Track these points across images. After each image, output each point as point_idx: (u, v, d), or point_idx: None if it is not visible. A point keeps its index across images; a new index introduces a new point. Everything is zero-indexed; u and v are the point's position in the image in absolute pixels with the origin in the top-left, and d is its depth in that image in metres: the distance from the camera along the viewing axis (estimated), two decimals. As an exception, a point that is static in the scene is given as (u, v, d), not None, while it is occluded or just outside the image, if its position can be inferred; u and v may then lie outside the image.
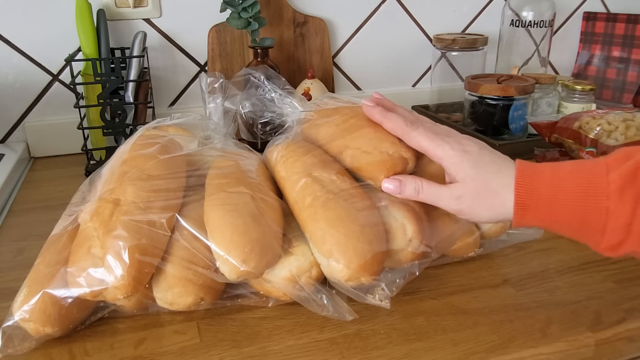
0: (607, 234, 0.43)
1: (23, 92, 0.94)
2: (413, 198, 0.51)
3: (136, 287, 0.47)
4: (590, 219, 0.44)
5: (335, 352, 0.48)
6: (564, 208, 0.44)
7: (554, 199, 0.44)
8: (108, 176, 0.54)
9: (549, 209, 0.45)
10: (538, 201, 0.45)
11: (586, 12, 1.27)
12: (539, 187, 0.45)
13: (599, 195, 0.43)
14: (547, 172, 0.46)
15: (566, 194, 0.44)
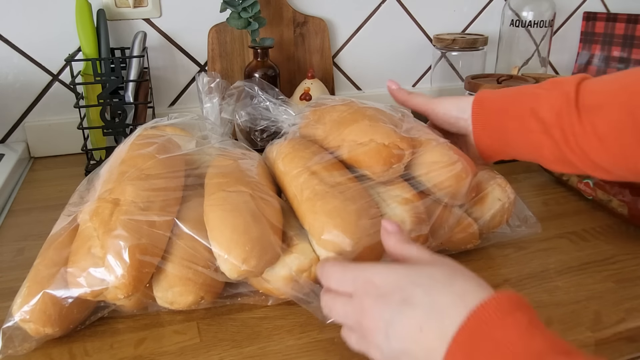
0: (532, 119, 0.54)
1: (23, 92, 0.94)
2: (401, 97, 0.64)
3: (137, 287, 0.47)
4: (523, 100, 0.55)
5: (335, 352, 0.48)
6: (507, 93, 0.58)
7: (502, 92, 0.58)
8: (107, 176, 0.54)
9: (498, 99, 0.58)
10: (491, 95, 0.59)
11: (586, 12, 1.27)
12: (492, 92, 0.59)
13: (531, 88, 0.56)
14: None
15: (509, 89, 0.59)
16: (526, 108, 0.54)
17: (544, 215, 0.73)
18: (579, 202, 0.76)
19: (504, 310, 0.33)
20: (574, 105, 0.51)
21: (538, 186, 0.82)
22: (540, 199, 0.78)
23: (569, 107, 0.51)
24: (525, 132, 0.54)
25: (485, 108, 0.58)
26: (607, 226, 0.69)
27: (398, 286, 0.38)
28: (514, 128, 0.55)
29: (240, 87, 0.68)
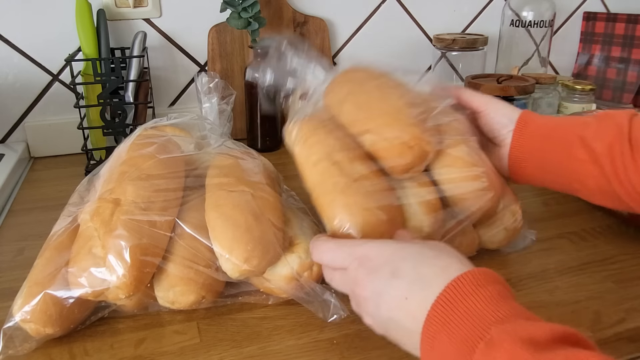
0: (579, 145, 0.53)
1: (23, 92, 0.94)
2: (454, 92, 0.61)
3: (138, 287, 0.47)
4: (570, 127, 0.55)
5: (335, 352, 0.48)
6: (553, 121, 0.57)
7: (548, 118, 0.58)
8: (107, 176, 0.54)
9: (543, 123, 0.57)
10: (536, 118, 0.58)
11: (586, 12, 1.27)
12: (537, 115, 0.59)
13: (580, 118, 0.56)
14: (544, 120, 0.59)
15: (557, 118, 0.58)
16: (574, 135, 0.53)
17: (544, 215, 0.73)
18: (579, 202, 0.76)
19: (478, 282, 0.37)
20: (627, 139, 0.50)
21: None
22: (540, 199, 0.78)
23: (622, 140, 0.50)
24: (571, 159, 0.53)
25: (529, 127, 0.57)
26: (607, 226, 0.69)
27: (388, 260, 0.42)
28: (557, 154, 0.54)
29: (268, 45, 0.63)
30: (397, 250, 0.42)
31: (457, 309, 0.36)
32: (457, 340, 0.35)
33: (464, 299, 0.36)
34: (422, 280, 0.39)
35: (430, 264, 0.40)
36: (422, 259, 0.40)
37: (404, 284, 0.40)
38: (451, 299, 0.36)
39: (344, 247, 0.45)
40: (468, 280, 0.37)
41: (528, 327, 0.33)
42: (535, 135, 0.56)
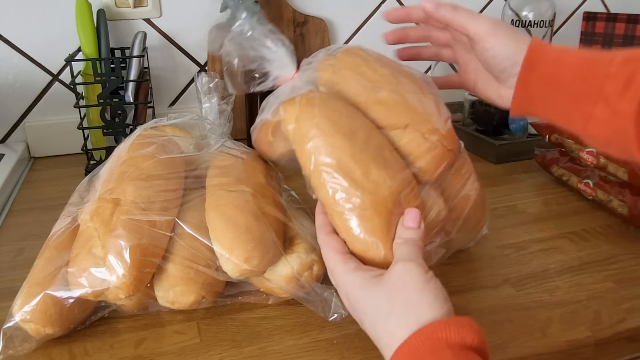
0: (599, 103, 0.45)
1: (23, 92, 0.94)
2: (448, 16, 0.51)
3: (138, 287, 0.47)
4: (588, 82, 0.46)
5: (335, 352, 0.48)
6: (566, 70, 0.47)
7: (560, 60, 0.48)
8: (107, 176, 0.54)
9: (554, 69, 0.47)
10: (545, 59, 0.48)
11: (586, 12, 1.27)
12: (549, 50, 0.48)
13: (602, 63, 0.46)
14: (559, 46, 0.49)
15: (572, 58, 0.47)
16: (595, 89, 0.46)
17: (544, 215, 0.73)
18: (579, 202, 0.76)
19: (420, 353, 0.36)
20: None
21: (538, 186, 0.82)
22: (540, 199, 0.78)
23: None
24: (587, 117, 0.47)
25: (537, 72, 0.49)
26: (607, 226, 0.69)
27: (355, 309, 0.43)
28: (570, 108, 0.48)
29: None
30: (361, 300, 0.42)
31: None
32: None
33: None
34: (379, 342, 0.40)
35: (383, 327, 0.40)
36: (378, 317, 0.40)
37: (369, 332, 0.42)
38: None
39: (332, 275, 0.45)
40: (403, 354, 0.37)
41: None
42: (544, 84, 0.48)
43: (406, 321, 0.38)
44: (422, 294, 0.40)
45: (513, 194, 0.79)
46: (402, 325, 0.38)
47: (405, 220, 0.45)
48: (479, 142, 0.94)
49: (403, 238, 0.44)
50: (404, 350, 0.37)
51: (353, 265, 0.44)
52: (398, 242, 0.44)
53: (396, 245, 0.44)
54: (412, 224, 0.45)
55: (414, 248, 0.43)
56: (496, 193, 0.79)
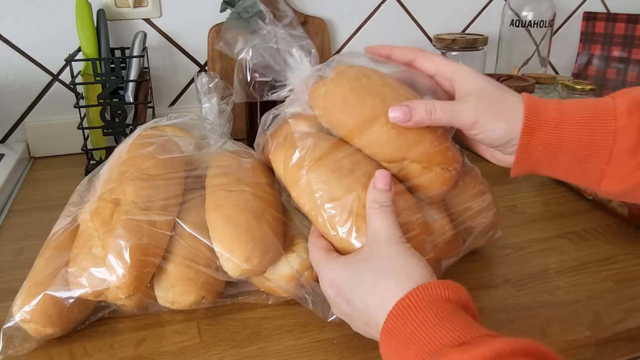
0: (612, 161, 0.44)
1: (23, 92, 0.94)
2: (425, 122, 0.46)
3: (138, 287, 0.47)
4: (596, 142, 0.44)
5: (335, 352, 0.48)
6: (570, 132, 0.44)
7: (562, 122, 0.44)
8: (107, 176, 0.54)
9: (557, 132, 0.45)
10: (546, 123, 0.45)
11: (586, 12, 1.27)
12: (547, 111, 0.45)
13: (606, 118, 0.44)
14: (554, 102, 0.46)
15: (573, 117, 0.44)
16: (602, 148, 0.44)
17: (544, 215, 0.73)
18: (579, 202, 0.76)
19: (415, 307, 0.37)
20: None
21: (538, 186, 0.82)
22: (540, 199, 0.78)
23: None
24: (594, 174, 0.46)
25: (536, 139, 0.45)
26: (607, 226, 0.69)
27: (341, 290, 0.43)
28: (575, 167, 0.46)
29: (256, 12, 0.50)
30: (346, 279, 0.42)
31: (399, 338, 0.36)
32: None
33: (404, 327, 0.36)
34: (370, 312, 0.40)
35: (371, 293, 0.40)
36: (364, 287, 0.41)
37: (359, 315, 0.42)
38: (392, 329, 0.37)
39: (317, 267, 0.46)
40: (403, 308, 0.37)
41: (458, 357, 0.32)
42: (547, 149, 0.46)
43: (396, 281, 0.39)
44: (406, 257, 0.41)
45: (513, 194, 0.79)
46: (393, 285, 0.39)
47: (377, 182, 0.45)
48: (479, 142, 0.94)
49: (377, 202, 0.44)
50: (402, 305, 0.37)
51: (334, 255, 0.45)
52: (371, 208, 0.44)
53: (372, 213, 0.44)
54: (383, 185, 0.45)
55: (390, 215, 0.43)
56: (496, 193, 0.78)
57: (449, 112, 0.46)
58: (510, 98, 0.47)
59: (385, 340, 0.38)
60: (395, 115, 0.46)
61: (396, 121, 0.46)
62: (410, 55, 0.53)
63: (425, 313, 0.36)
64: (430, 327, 0.35)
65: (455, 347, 0.33)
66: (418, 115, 0.46)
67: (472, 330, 0.34)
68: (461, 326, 0.35)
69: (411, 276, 0.39)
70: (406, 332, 0.36)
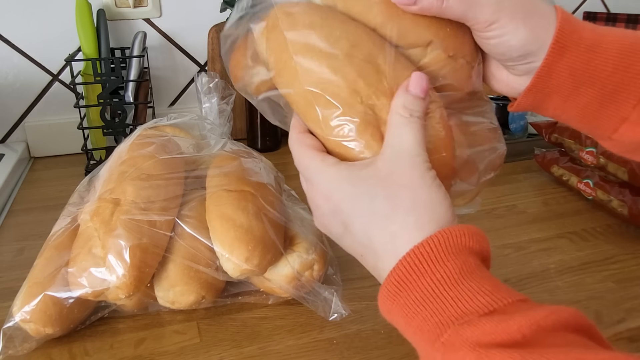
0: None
1: (23, 92, 0.94)
2: (433, 9, 0.37)
3: (138, 287, 0.47)
4: (632, 77, 0.37)
5: (335, 352, 0.48)
6: (607, 59, 0.37)
7: (597, 46, 0.37)
8: (107, 176, 0.54)
9: (589, 57, 0.37)
10: (579, 44, 0.37)
11: (586, 12, 1.27)
12: (582, 30, 0.37)
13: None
14: (589, 23, 0.38)
15: (611, 43, 0.37)
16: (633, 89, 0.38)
17: (544, 215, 0.73)
18: (579, 202, 0.76)
19: (435, 258, 0.30)
20: None
21: (538, 186, 0.82)
22: (540, 199, 0.78)
23: None
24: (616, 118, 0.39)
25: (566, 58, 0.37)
26: (607, 226, 0.69)
27: (339, 209, 0.35)
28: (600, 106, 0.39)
29: None
30: (349, 198, 0.34)
31: (410, 293, 0.30)
32: (414, 328, 0.30)
33: (418, 280, 0.30)
34: (372, 248, 0.33)
35: (380, 227, 0.33)
36: (373, 216, 0.33)
37: (356, 243, 0.35)
38: (402, 280, 0.31)
39: (303, 160, 0.37)
40: (421, 256, 0.31)
41: (491, 329, 0.27)
42: (573, 75, 0.38)
43: (415, 220, 0.32)
44: (431, 192, 0.33)
45: (513, 194, 0.79)
46: (411, 225, 0.32)
47: (412, 85, 0.35)
48: (479, 142, 0.94)
49: (408, 109, 0.35)
50: (420, 252, 0.31)
51: (333, 160, 0.35)
52: (399, 115, 0.35)
53: (398, 121, 0.35)
54: (418, 91, 0.35)
55: (419, 129, 0.34)
56: (496, 193, 0.79)
57: (465, 1, 0.37)
58: (541, 4, 0.38)
59: (390, 292, 0.31)
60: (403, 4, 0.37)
61: (399, 2, 0.37)
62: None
63: (447, 266, 0.30)
64: (453, 285, 0.29)
65: (486, 316, 0.28)
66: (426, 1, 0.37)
67: (503, 294, 0.29)
68: (490, 288, 0.29)
69: (433, 218, 0.32)
70: (421, 286, 0.30)
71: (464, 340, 0.27)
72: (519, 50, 0.38)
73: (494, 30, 0.37)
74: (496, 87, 0.43)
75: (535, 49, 0.37)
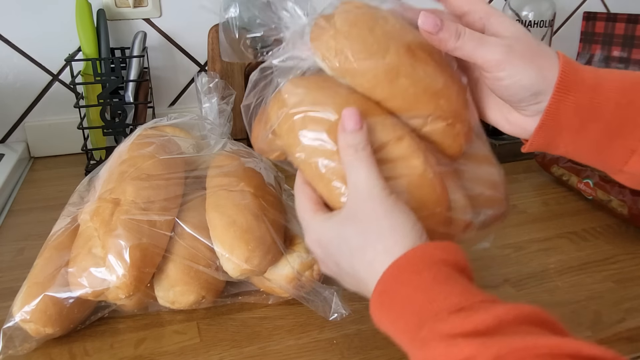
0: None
1: (23, 92, 0.94)
2: (449, 44, 0.40)
3: (138, 287, 0.47)
4: (636, 112, 0.39)
5: (335, 352, 0.48)
6: (609, 98, 0.40)
7: (599, 85, 0.40)
8: (107, 176, 0.54)
9: (593, 95, 0.40)
10: (582, 83, 0.40)
11: (586, 12, 1.27)
12: (583, 72, 0.40)
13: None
14: (589, 67, 0.41)
15: (612, 82, 0.40)
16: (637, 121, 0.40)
17: (544, 215, 0.73)
18: (579, 202, 0.76)
19: (410, 270, 0.35)
20: None
21: (538, 186, 0.82)
22: (540, 199, 0.78)
23: None
24: (624, 150, 0.41)
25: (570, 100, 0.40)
26: (607, 226, 0.69)
27: (329, 252, 0.40)
28: (606, 140, 0.41)
29: None
30: (333, 242, 0.39)
31: (392, 302, 0.35)
32: (399, 331, 0.34)
33: (397, 291, 0.34)
34: (358, 277, 0.38)
35: (359, 259, 0.38)
36: (351, 252, 0.38)
37: (349, 277, 0.40)
38: (384, 296, 0.35)
39: (303, 222, 0.42)
40: (394, 274, 0.35)
41: (459, 323, 0.30)
42: (579, 113, 0.41)
43: (384, 247, 0.36)
44: (393, 217, 0.37)
45: (513, 194, 0.79)
46: (381, 252, 0.36)
47: (346, 122, 0.39)
48: (479, 142, 0.94)
49: (351, 147, 0.38)
50: (394, 270, 0.35)
51: (322, 212, 0.41)
52: (346, 155, 0.39)
53: (348, 162, 0.39)
54: (353, 124, 0.39)
55: (367, 161, 0.38)
56: (496, 193, 0.79)
57: (477, 40, 0.40)
58: (546, 49, 0.42)
59: (376, 304, 0.36)
60: (424, 20, 0.40)
61: (423, 27, 0.40)
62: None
63: (421, 275, 0.34)
64: (428, 291, 0.33)
65: (455, 313, 0.31)
66: (447, 32, 0.40)
67: (472, 294, 0.33)
68: (460, 290, 0.33)
69: (399, 240, 0.36)
70: (400, 295, 0.34)
71: (436, 334, 0.31)
72: (530, 89, 0.40)
73: (506, 70, 0.40)
74: (508, 129, 0.45)
75: (544, 87, 0.40)
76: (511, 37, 0.41)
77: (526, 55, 0.40)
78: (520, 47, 0.40)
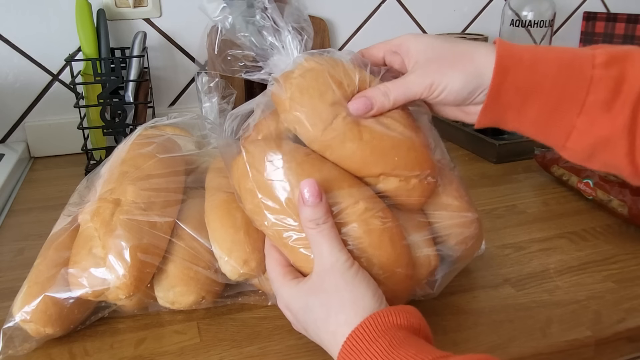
0: (584, 112, 0.41)
1: (23, 92, 0.94)
2: (386, 106, 0.44)
3: (138, 287, 0.47)
4: (571, 89, 0.42)
5: (335, 352, 0.48)
6: (546, 75, 0.42)
7: (536, 63, 0.42)
8: (107, 176, 0.54)
9: (530, 73, 0.42)
10: (520, 63, 0.42)
11: (586, 12, 1.27)
12: (521, 52, 0.43)
13: (584, 65, 0.42)
14: (528, 46, 0.44)
15: (549, 60, 0.42)
16: (575, 98, 0.42)
17: (544, 215, 0.73)
18: (579, 202, 0.76)
19: (365, 340, 0.37)
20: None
21: (538, 186, 0.82)
22: (540, 199, 0.78)
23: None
24: (566, 127, 0.43)
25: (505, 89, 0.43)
26: (607, 226, 0.69)
27: (297, 318, 0.44)
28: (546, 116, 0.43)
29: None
30: (300, 310, 0.43)
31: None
32: None
33: (358, 357, 0.37)
34: (324, 345, 0.41)
35: (324, 330, 0.40)
36: (317, 322, 0.41)
37: (317, 341, 0.43)
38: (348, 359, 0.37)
39: (271, 274, 0.46)
40: (353, 344, 0.37)
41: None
42: (519, 92, 0.43)
43: (345, 318, 0.39)
44: (353, 289, 0.40)
45: (513, 194, 0.79)
46: (342, 323, 0.39)
47: (304, 196, 0.40)
48: (479, 142, 0.94)
49: (312, 221, 0.40)
50: (352, 341, 0.37)
51: (290, 277, 0.44)
52: (309, 229, 0.41)
53: (309, 235, 0.41)
54: (312, 198, 0.40)
55: (329, 235, 0.40)
56: (496, 193, 0.79)
57: (402, 87, 0.45)
58: (462, 47, 0.45)
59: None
60: (356, 107, 0.44)
61: (358, 113, 0.44)
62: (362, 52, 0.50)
63: (378, 342, 0.36)
64: (386, 356, 0.35)
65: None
66: (378, 101, 0.44)
67: (425, 354, 0.35)
68: (414, 351, 0.35)
69: (359, 311, 0.39)
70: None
71: None
72: (464, 90, 0.44)
73: (435, 90, 0.44)
74: (468, 119, 0.48)
75: (478, 82, 0.43)
76: (423, 57, 0.45)
77: (444, 67, 0.44)
78: (435, 63, 0.44)
